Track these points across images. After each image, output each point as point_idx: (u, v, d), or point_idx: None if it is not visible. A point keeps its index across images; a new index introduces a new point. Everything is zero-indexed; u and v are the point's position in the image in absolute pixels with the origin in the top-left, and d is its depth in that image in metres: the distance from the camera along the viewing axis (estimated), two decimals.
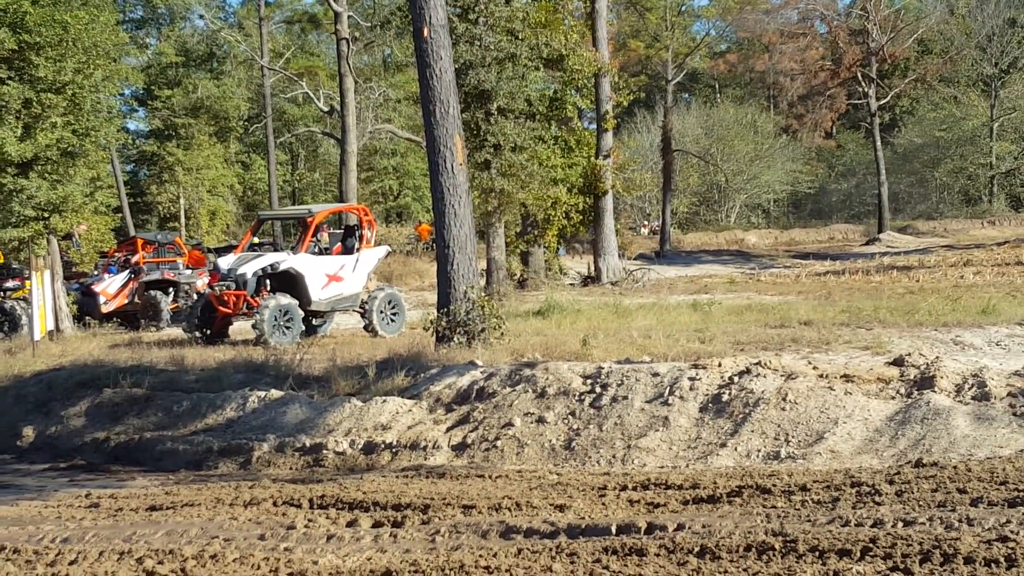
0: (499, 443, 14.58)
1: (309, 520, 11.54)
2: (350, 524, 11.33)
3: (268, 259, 24.71)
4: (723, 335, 20.74)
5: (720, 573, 8.02)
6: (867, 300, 27.47)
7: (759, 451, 13.07)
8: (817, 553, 8.13)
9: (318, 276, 24.64)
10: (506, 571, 8.70)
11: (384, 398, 16.43)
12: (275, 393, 17.45)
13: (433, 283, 40.12)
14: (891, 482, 10.11)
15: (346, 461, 15.30)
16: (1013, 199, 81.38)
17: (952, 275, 36.02)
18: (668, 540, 8.86)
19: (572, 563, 8.68)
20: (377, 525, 11.23)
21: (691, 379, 14.46)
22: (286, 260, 24.55)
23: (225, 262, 24.80)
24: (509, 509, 11.19)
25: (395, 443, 15.30)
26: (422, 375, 17.53)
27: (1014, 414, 12.72)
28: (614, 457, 13.67)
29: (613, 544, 8.96)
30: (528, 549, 9.17)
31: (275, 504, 12.47)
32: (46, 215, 26.46)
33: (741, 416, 13.66)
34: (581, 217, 38.02)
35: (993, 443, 12.12)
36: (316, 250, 25.79)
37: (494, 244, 33.56)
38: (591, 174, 37.76)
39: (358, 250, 25.57)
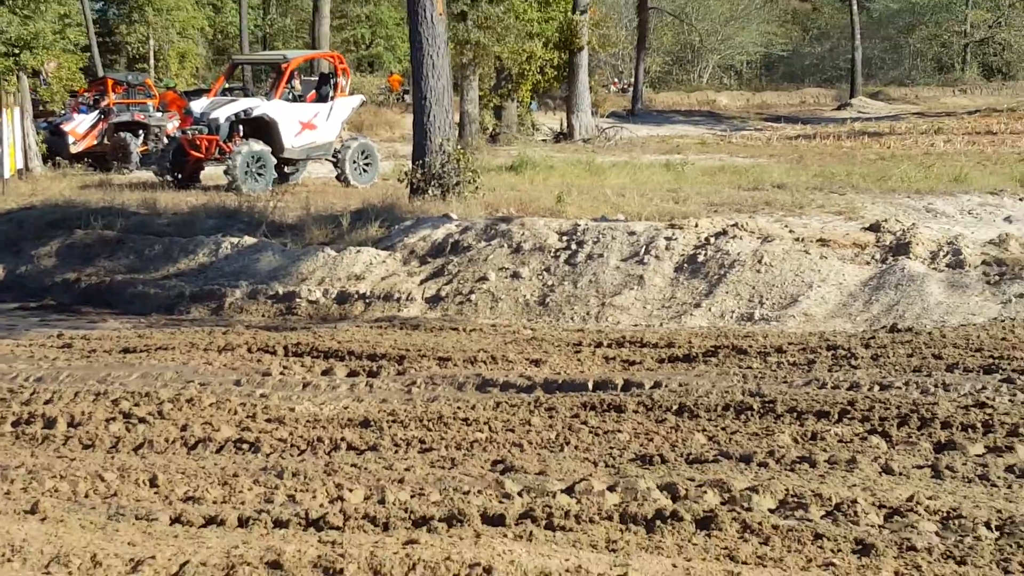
0: (473, 297, 14.57)
1: (284, 367, 11.55)
2: (325, 372, 11.35)
3: (242, 104, 24.41)
4: (697, 196, 20.69)
5: (698, 431, 8.06)
6: (839, 165, 27.38)
7: (733, 312, 13.11)
8: (795, 414, 8.19)
9: (292, 123, 24.37)
10: (484, 423, 8.72)
11: (358, 248, 16.36)
12: (248, 240, 17.35)
13: (404, 135, 39.93)
14: (867, 346, 10.17)
15: (319, 310, 15.27)
16: (985, 68, 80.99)
17: (923, 143, 35.93)
18: (646, 397, 8.91)
19: (551, 417, 8.71)
20: (352, 374, 11.25)
21: (667, 239, 14.44)
22: (260, 106, 24.27)
23: (198, 106, 24.50)
24: (484, 362, 11.20)
25: (368, 293, 15.26)
26: (396, 227, 17.45)
27: (987, 282, 12.77)
28: (588, 314, 13.68)
29: (591, 400, 9.00)
30: (506, 403, 9.21)
31: (249, 351, 12.46)
32: (16, 51, 26.02)
33: (716, 277, 13.66)
34: (556, 73, 37.68)
35: (966, 310, 12.18)
36: (290, 97, 25.45)
37: (467, 97, 33.29)
38: (567, 29, 37.33)
39: (332, 98, 25.27)
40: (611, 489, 6.63)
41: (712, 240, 14.23)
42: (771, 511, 6.27)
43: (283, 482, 7.45)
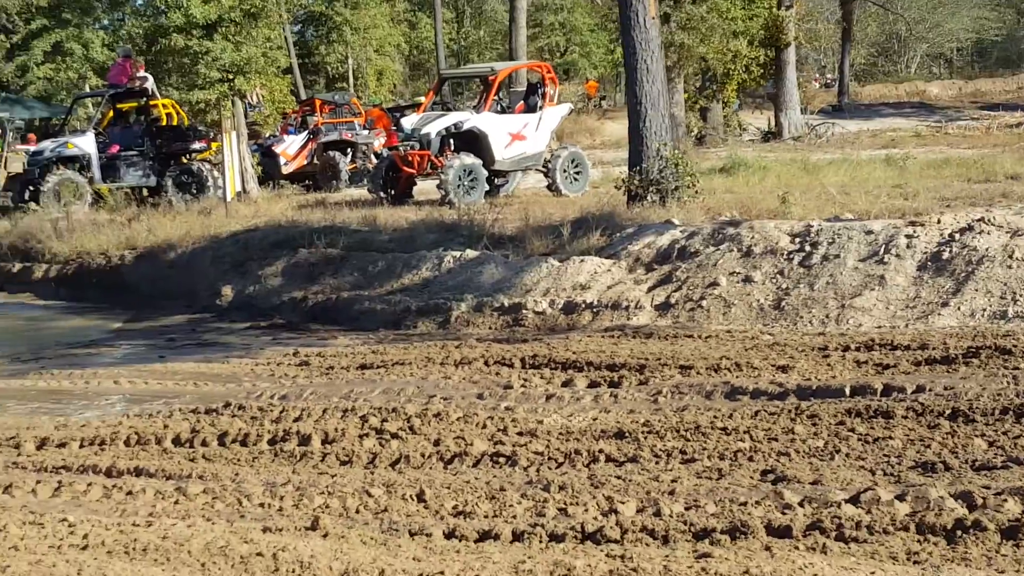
0: (704, 303, 14.38)
1: (524, 380, 11.53)
2: (565, 384, 11.29)
3: (452, 118, 24.54)
4: (925, 191, 20.09)
5: (976, 436, 7.76)
6: None
7: (984, 310, 12.65)
8: None
9: (501, 135, 24.42)
10: (744, 432, 8.55)
11: (582, 257, 16.30)
12: (470, 253, 17.42)
13: (604, 141, 39.92)
14: None
15: (546, 321, 15.24)
16: None
17: None
18: (913, 402, 8.62)
19: (814, 425, 8.50)
20: (593, 385, 11.17)
21: (908, 236, 14.03)
22: (469, 119, 24.37)
23: (409, 122, 24.71)
24: (729, 370, 11.03)
25: (595, 303, 15.19)
26: (617, 234, 17.33)
27: None
28: (827, 317, 13.37)
29: (855, 406, 8.75)
30: (764, 411, 9.01)
31: (486, 364, 12.49)
32: (231, 76, 26.58)
33: (963, 274, 13.22)
34: (762, 71, 37.17)
35: None
36: (498, 109, 25.52)
37: (673, 100, 32.91)
38: (772, 25, 36.77)
39: (541, 108, 25.26)
40: (900, 498, 6.40)
41: (957, 236, 13.78)
42: None
43: (551, 495, 7.39)
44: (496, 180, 25.01)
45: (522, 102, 26.04)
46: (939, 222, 14.26)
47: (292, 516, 7.52)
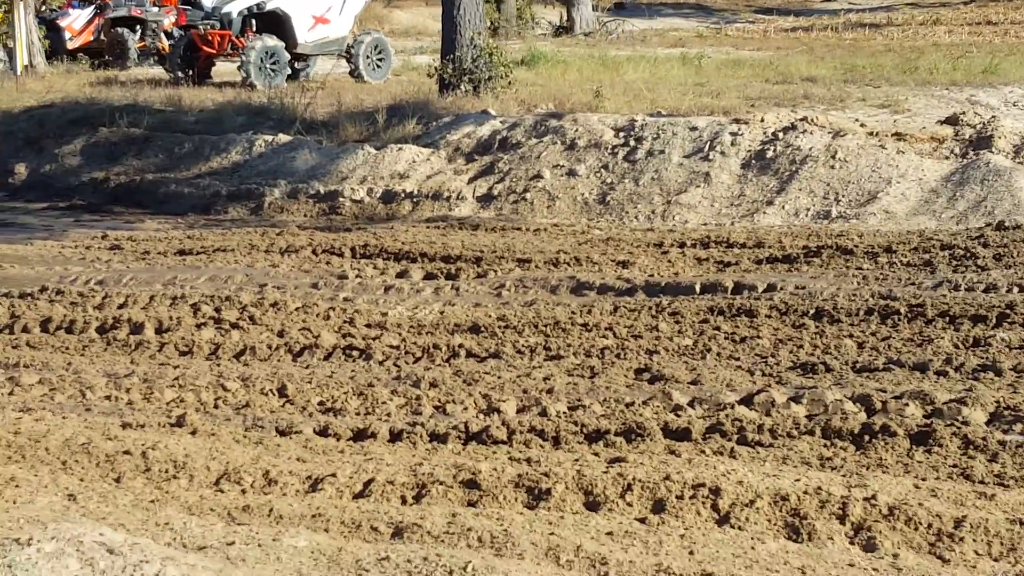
0: (528, 195, 14.20)
1: (357, 270, 11.20)
2: (401, 275, 10.99)
3: None
4: (728, 90, 20.28)
5: (845, 337, 7.75)
6: (856, 57, 26.78)
7: (808, 210, 12.78)
8: (947, 318, 7.87)
9: (305, 18, 23.69)
10: (607, 329, 8.41)
11: (399, 146, 15.92)
12: (283, 137, 16.89)
13: (394, 29, 39.19)
14: (985, 245, 9.82)
15: (364, 209, 14.87)
16: None
17: (925, 34, 35.44)
18: (773, 301, 8.58)
19: (677, 323, 8.39)
20: (430, 277, 10.91)
21: (732, 134, 14.05)
22: (272, 0, 23.60)
23: (209, 0, 23.79)
24: (568, 264, 10.88)
25: (416, 192, 14.88)
26: (434, 123, 17.00)
27: None
28: (653, 213, 13.34)
29: (716, 304, 8.68)
30: (624, 307, 8.88)
31: (314, 252, 12.10)
32: None
33: (788, 174, 13.30)
34: None
35: None
36: None
37: None
38: None
39: None
40: (795, 400, 6.33)
41: (781, 135, 13.84)
42: (987, 425, 5.98)
43: (423, 392, 7.13)
44: (296, 64, 24.28)
45: None
46: (763, 120, 14.33)
47: (146, 411, 7.11)
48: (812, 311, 8.24)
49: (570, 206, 13.89)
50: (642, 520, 4.94)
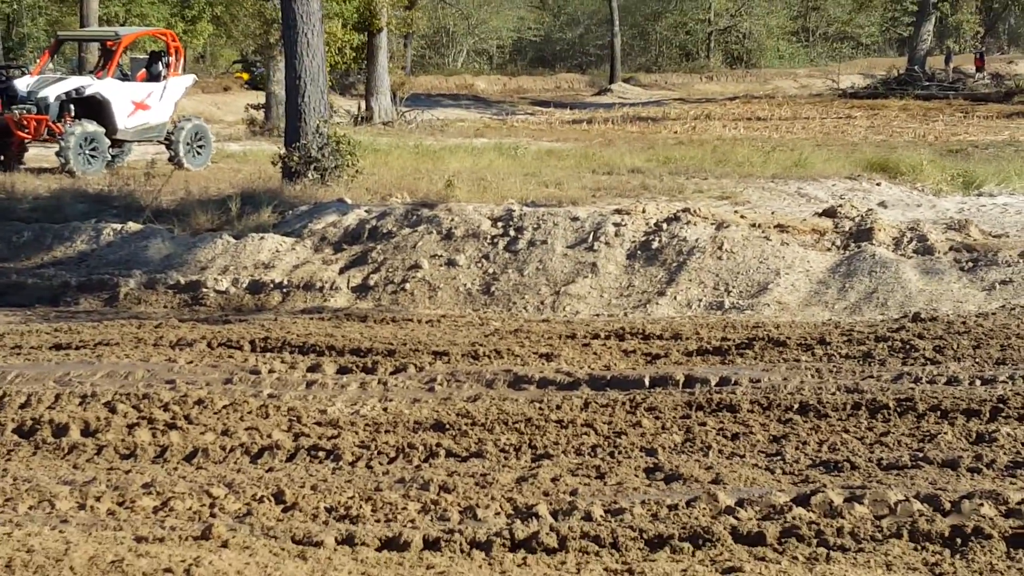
0: (407, 286, 13.92)
1: (266, 364, 10.71)
2: (313, 369, 10.54)
3: (72, 83, 22.86)
4: (567, 181, 20.43)
5: (843, 433, 7.68)
6: (658, 150, 27.18)
7: (700, 300, 12.81)
8: (940, 413, 7.86)
9: (125, 103, 22.98)
10: (584, 425, 8.17)
11: (260, 235, 15.46)
12: (132, 226, 16.24)
13: (221, 116, 38.53)
14: (920, 336, 9.89)
15: (230, 300, 14.35)
16: (728, 56, 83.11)
17: (703, 128, 36.51)
18: (756, 395, 8.47)
19: (657, 419, 8.21)
20: (344, 371, 10.50)
21: (616, 224, 14.03)
22: (92, 85, 22.81)
23: (23, 83, 22.82)
24: (489, 357, 10.61)
25: (285, 283, 14.44)
26: (290, 212, 16.63)
27: (961, 269, 12.69)
28: (542, 303, 13.20)
29: (692, 399, 8.53)
30: (595, 402, 8.66)
31: (210, 346, 11.54)
32: None
33: (675, 264, 13.34)
34: (355, 54, 36.70)
35: (952, 298, 12.07)
36: (120, 76, 23.98)
37: (274, 79, 32.13)
38: (366, 10, 36.40)
39: (165, 77, 23.96)
40: (854, 500, 6.19)
41: (665, 226, 13.89)
42: None
43: (440, 496, 6.78)
44: (111, 150, 23.48)
45: (144, 70, 24.62)
46: (644, 211, 14.36)
47: (135, 523, 6.59)
48: (795, 406, 8.17)
49: (453, 296, 13.66)
50: None
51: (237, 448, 8.18)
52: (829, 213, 14.51)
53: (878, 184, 20.35)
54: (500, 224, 14.52)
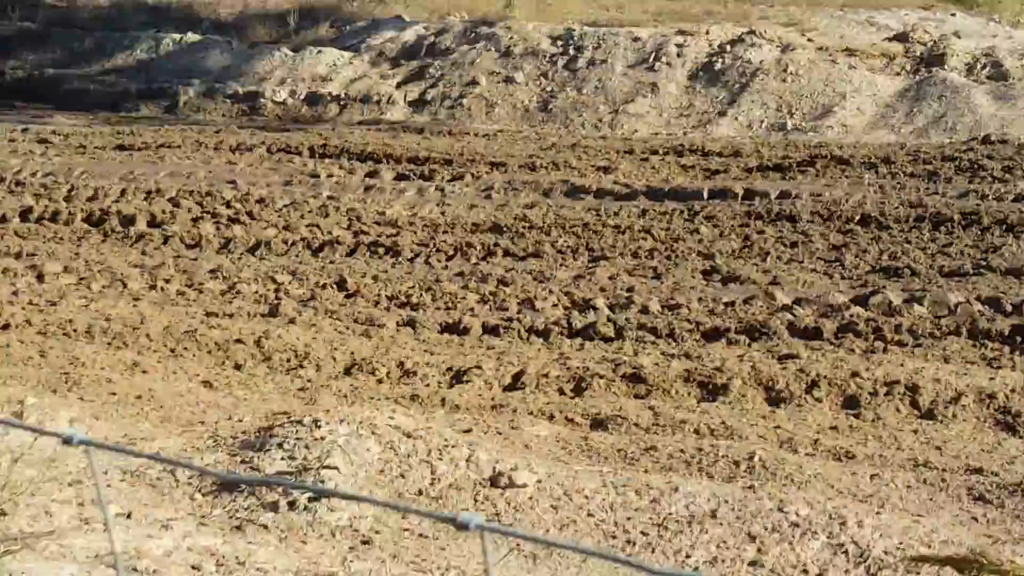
0: (464, 101, 13.90)
1: (326, 169, 10.78)
2: (371, 175, 10.60)
3: None
4: (629, 5, 20.08)
5: (895, 243, 7.68)
6: None
7: (762, 122, 12.73)
8: (1005, 226, 7.79)
9: None
10: (641, 230, 8.22)
11: (319, 49, 15.44)
12: (192, 36, 16.24)
13: None
14: (989, 157, 9.76)
15: (288, 111, 14.42)
16: None
17: None
18: (821, 207, 8.45)
19: (715, 227, 8.25)
20: (402, 177, 10.56)
21: (678, 45, 13.92)
22: None
23: None
24: (546, 168, 10.63)
25: (342, 96, 14.46)
26: (347, 27, 16.55)
27: None
28: (600, 121, 13.16)
29: (752, 209, 8.55)
30: (653, 210, 8.71)
31: (269, 151, 11.61)
32: None
33: (738, 86, 13.24)
34: None
35: None
36: None
37: None
38: None
39: None
40: (914, 301, 6.25)
41: (728, 48, 13.76)
42: None
43: (497, 288, 6.89)
44: None
45: None
46: (708, 33, 14.22)
47: (203, 302, 6.75)
48: (857, 217, 8.17)
49: (510, 112, 13.65)
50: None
51: (299, 242, 8.30)
52: (900, 38, 14.24)
53: (952, 15, 19.92)
54: (560, 43, 14.43)
